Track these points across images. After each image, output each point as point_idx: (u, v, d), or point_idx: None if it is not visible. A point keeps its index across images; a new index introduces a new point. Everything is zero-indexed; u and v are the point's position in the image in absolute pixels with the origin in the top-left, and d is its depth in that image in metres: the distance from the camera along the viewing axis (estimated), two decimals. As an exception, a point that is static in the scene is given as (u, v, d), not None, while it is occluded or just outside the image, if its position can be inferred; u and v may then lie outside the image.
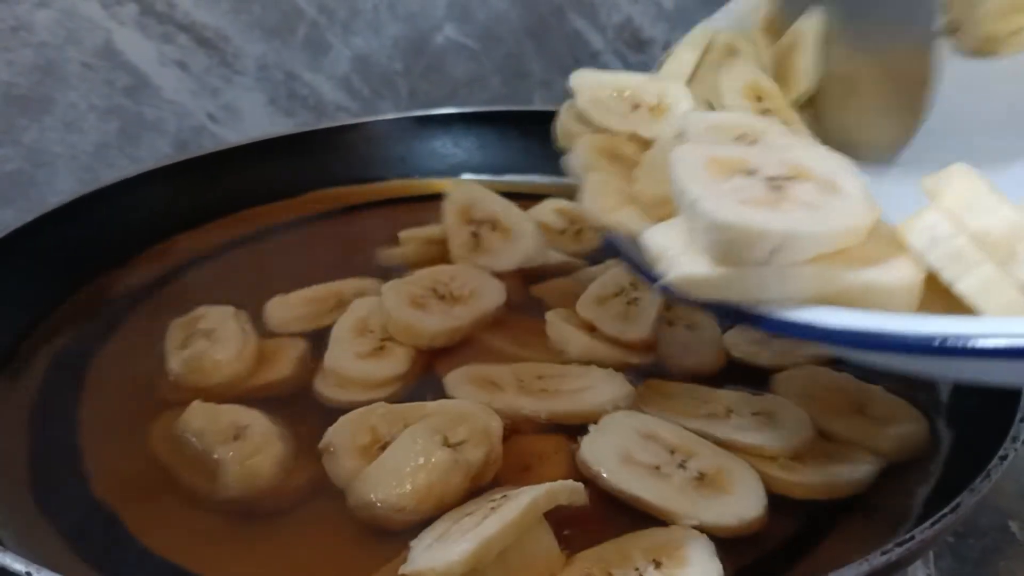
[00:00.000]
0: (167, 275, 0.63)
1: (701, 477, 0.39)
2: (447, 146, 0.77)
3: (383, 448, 0.40)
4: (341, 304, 0.56)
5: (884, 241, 0.27)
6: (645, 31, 0.96)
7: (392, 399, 0.46)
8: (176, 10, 0.79)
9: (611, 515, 0.38)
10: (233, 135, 0.85)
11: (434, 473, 0.38)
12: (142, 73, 0.80)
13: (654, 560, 0.34)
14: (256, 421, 0.44)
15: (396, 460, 0.39)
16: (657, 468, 0.39)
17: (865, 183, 0.28)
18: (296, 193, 0.73)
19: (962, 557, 0.50)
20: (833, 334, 0.26)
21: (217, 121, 0.84)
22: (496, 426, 0.42)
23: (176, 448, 0.44)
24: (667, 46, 0.97)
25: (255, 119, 0.86)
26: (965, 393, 0.46)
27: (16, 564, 0.32)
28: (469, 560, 0.32)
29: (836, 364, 0.48)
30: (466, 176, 0.76)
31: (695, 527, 0.36)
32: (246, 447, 0.42)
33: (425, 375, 0.49)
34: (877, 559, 0.31)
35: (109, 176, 0.66)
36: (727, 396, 0.45)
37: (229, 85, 0.84)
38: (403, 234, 0.66)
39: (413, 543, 0.36)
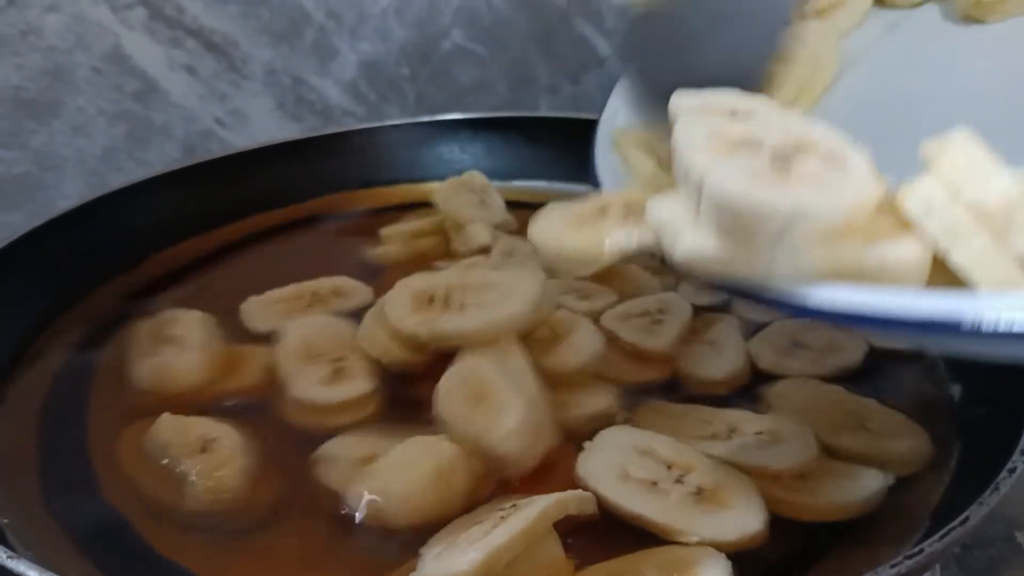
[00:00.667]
0: (175, 279, 0.63)
1: (699, 492, 0.39)
2: (454, 152, 0.77)
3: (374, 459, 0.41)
4: (317, 300, 0.57)
5: (889, 214, 0.27)
6: (651, 37, 0.96)
7: (369, 418, 0.46)
8: (185, 15, 0.79)
9: (619, 526, 0.38)
10: (241, 140, 0.85)
11: (442, 463, 0.39)
12: (150, 78, 0.80)
13: (667, 577, 0.34)
14: (225, 435, 0.44)
15: (401, 456, 0.40)
16: (655, 484, 0.39)
17: (869, 156, 0.27)
18: (303, 198, 0.73)
19: (968, 568, 0.50)
20: (854, 316, 0.25)
21: (225, 126, 0.85)
22: None
23: (142, 461, 0.44)
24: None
25: (263, 124, 0.86)
26: (973, 405, 0.46)
27: (30, 572, 0.32)
28: (478, 569, 0.32)
29: (836, 379, 0.48)
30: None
31: (699, 543, 0.36)
32: (212, 460, 0.42)
33: (394, 393, 0.48)
34: (886, 572, 0.31)
35: (117, 180, 0.66)
36: (730, 415, 0.45)
37: (237, 90, 0.84)
38: (385, 231, 0.66)
39: (423, 550, 0.36)
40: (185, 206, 0.68)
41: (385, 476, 0.39)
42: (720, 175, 0.26)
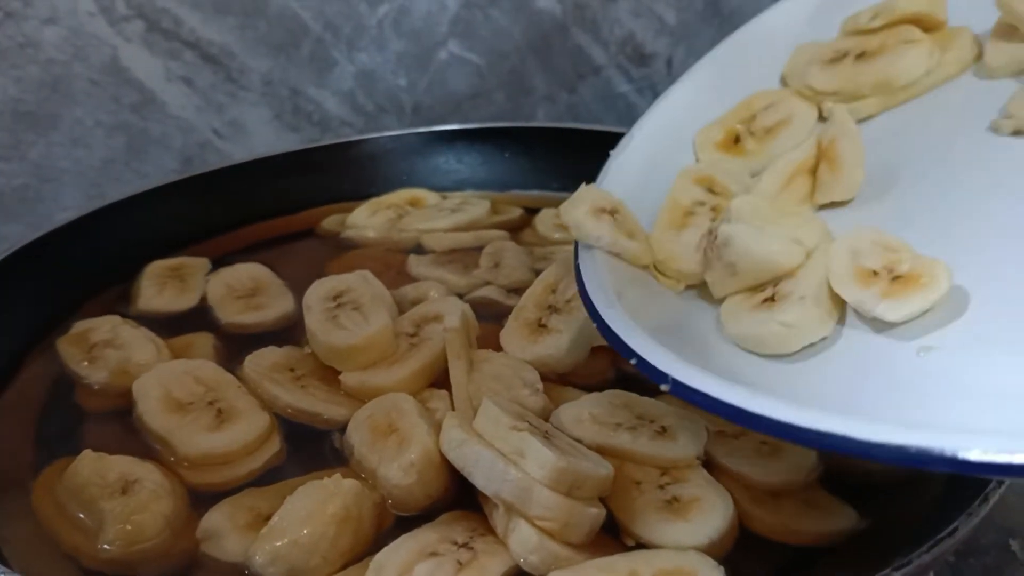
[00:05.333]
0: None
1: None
2: (450, 162, 0.77)
3: (268, 520, 0.38)
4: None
5: None
6: (647, 46, 0.96)
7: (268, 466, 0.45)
8: (182, 27, 0.80)
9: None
10: (238, 151, 0.86)
11: (348, 502, 0.38)
12: (148, 89, 0.81)
13: (662, 583, 0.35)
14: (148, 475, 0.42)
15: (301, 506, 0.38)
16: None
17: None
18: (300, 208, 0.73)
19: (963, 576, 0.50)
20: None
21: (222, 137, 0.85)
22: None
23: (58, 503, 0.42)
24: (669, 61, 0.97)
25: (260, 135, 0.86)
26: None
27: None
28: None
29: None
30: (469, 192, 0.76)
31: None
32: (131, 503, 0.40)
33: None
34: (875, 583, 0.31)
35: (115, 192, 0.67)
36: None
37: (234, 101, 0.84)
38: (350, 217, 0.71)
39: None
40: (183, 217, 0.68)
41: (290, 532, 0.37)
42: None
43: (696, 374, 0.31)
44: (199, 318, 0.57)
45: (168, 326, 0.56)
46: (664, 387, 0.32)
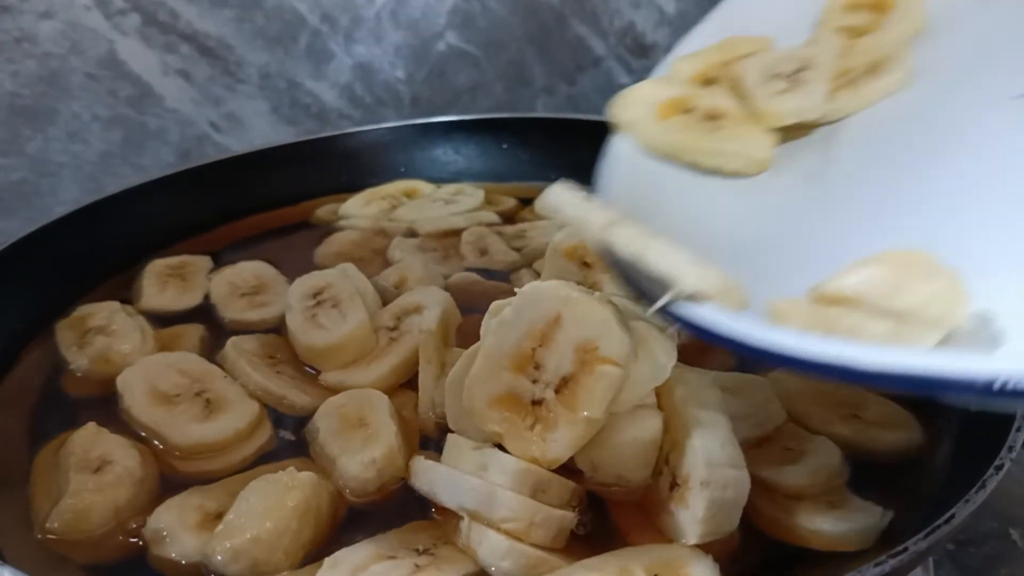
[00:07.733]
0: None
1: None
2: (448, 153, 0.77)
3: (218, 517, 0.38)
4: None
5: None
6: (647, 37, 0.96)
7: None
8: (179, 20, 0.79)
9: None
10: (236, 144, 0.86)
11: (307, 494, 0.38)
12: (145, 83, 0.81)
13: (655, 576, 0.34)
14: (126, 460, 0.41)
15: (258, 500, 0.38)
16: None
17: None
18: (298, 200, 0.73)
19: (963, 565, 0.50)
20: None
21: (220, 130, 0.85)
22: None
23: (48, 468, 0.43)
24: (670, 52, 0.97)
25: (258, 127, 0.86)
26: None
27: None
28: None
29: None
30: (466, 183, 0.76)
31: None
32: (90, 482, 0.40)
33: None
34: (870, 571, 0.31)
35: (113, 185, 0.67)
36: None
37: (232, 94, 0.84)
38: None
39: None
40: (181, 210, 0.68)
41: (250, 527, 0.37)
42: None
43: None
44: (202, 316, 0.57)
45: (171, 324, 0.56)
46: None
